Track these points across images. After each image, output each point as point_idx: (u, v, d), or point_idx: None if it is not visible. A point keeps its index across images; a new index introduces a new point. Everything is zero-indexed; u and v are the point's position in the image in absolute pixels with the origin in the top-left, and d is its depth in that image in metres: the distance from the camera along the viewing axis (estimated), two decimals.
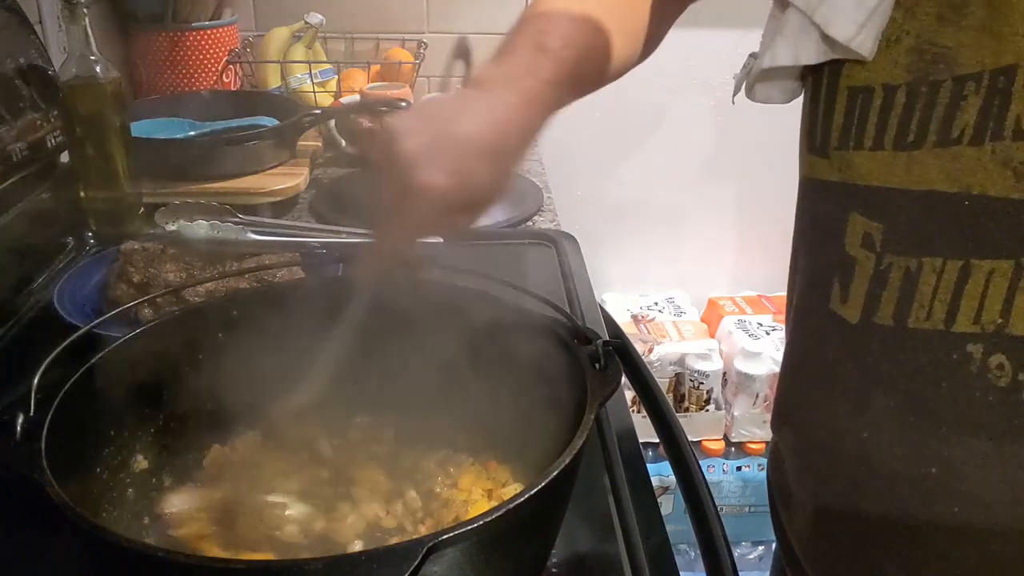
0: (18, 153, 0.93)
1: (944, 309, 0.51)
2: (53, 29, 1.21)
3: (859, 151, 0.52)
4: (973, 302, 0.50)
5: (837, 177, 0.54)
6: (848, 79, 0.52)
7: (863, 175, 0.53)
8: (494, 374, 0.61)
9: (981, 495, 0.53)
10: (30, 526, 0.61)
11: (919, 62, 0.49)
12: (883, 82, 0.50)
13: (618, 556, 0.62)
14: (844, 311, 0.56)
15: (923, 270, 0.51)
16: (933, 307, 0.51)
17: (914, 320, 0.52)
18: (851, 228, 0.54)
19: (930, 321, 0.51)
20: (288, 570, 0.41)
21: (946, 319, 0.51)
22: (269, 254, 0.91)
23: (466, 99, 0.54)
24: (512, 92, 0.53)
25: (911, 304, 0.52)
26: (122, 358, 0.58)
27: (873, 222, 0.53)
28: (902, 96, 0.50)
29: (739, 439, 1.93)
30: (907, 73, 0.49)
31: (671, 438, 0.82)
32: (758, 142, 1.87)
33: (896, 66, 0.50)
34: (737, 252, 2.11)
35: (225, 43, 1.52)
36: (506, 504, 0.43)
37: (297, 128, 1.27)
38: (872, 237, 0.53)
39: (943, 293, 0.50)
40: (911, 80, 0.49)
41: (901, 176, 0.51)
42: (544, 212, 1.25)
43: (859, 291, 0.54)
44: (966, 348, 0.51)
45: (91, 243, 1.10)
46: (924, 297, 0.51)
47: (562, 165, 1.85)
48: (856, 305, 0.55)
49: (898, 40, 0.49)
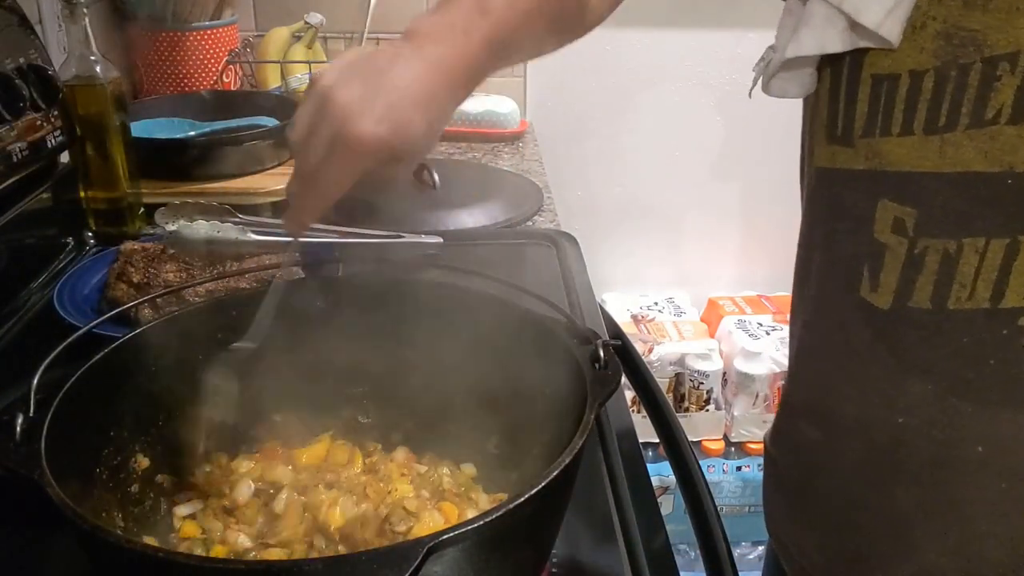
0: (18, 153, 0.93)
1: (989, 288, 0.51)
2: (53, 29, 1.21)
3: (886, 138, 0.53)
4: (1023, 277, 0.50)
5: (864, 165, 0.55)
6: (872, 67, 0.53)
7: (892, 161, 0.53)
8: (494, 374, 0.61)
9: None
10: (30, 526, 0.62)
11: (947, 47, 0.49)
12: (909, 68, 0.51)
13: (618, 556, 0.62)
14: (875, 298, 0.56)
15: (963, 251, 0.51)
16: (976, 286, 0.52)
17: (954, 301, 0.53)
18: (880, 215, 0.54)
19: (972, 300, 0.52)
20: (288, 570, 0.41)
21: (992, 297, 0.51)
22: (269, 254, 0.91)
23: (399, 52, 0.53)
24: (445, 47, 0.52)
25: (950, 286, 0.52)
26: (122, 358, 0.58)
27: (906, 207, 0.53)
28: (929, 81, 0.50)
29: (739, 439, 1.93)
30: (934, 58, 0.50)
31: (671, 438, 0.82)
32: (758, 142, 1.87)
33: (923, 52, 0.50)
34: (737, 252, 2.11)
35: (225, 43, 1.52)
36: (506, 504, 0.43)
37: None
38: (904, 222, 0.53)
39: (987, 272, 0.51)
40: (939, 65, 0.50)
41: (935, 160, 0.51)
42: (544, 212, 1.25)
43: (891, 277, 0.55)
44: (1018, 322, 0.51)
45: (91, 243, 1.10)
46: (966, 278, 0.52)
47: (562, 165, 1.85)
48: (888, 291, 0.55)
49: (923, 26, 0.50)
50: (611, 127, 1.97)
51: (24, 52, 0.98)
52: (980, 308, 0.52)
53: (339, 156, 0.50)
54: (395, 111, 0.50)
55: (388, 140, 0.49)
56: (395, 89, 0.50)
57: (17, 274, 0.98)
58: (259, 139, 1.22)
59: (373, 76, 0.50)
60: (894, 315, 0.55)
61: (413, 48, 0.52)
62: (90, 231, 1.10)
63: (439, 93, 0.52)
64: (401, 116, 0.50)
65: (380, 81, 0.50)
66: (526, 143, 1.63)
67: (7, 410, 0.49)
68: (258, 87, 1.54)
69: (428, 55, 0.52)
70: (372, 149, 0.50)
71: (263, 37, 1.55)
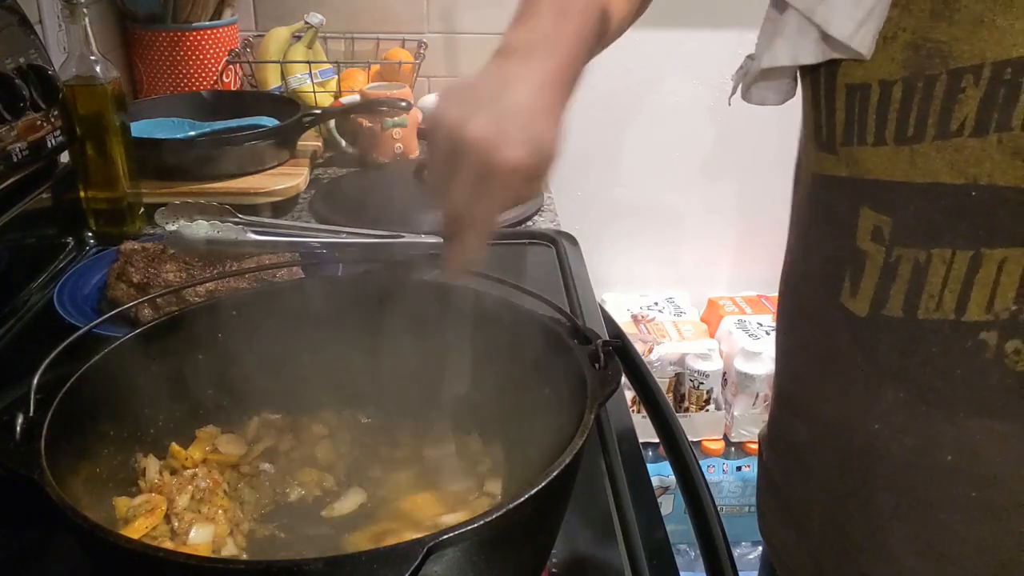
0: (18, 153, 0.93)
1: (955, 299, 0.52)
2: (53, 29, 1.21)
3: (863, 147, 0.53)
4: (985, 290, 0.50)
5: (846, 172, 0.55)
6: (845, 77, 0.53)
7: (869, 170, 0.53)
8: (494, 374, 0.61)
9: (1001, 476, 0.54)
10: (30, 526, 0.62)
11: (915, 57, 0.49)
12: (880, 78, 0.51)
13: (618, 556, 0.62)
14: (853, 305, 0.57)
15: (932, 261, 0.52)
16: (943, 297, 0.52)
17: (924, 311, 0.53)
18: (862, 222, 0.55)
19: (940, 311, 0.52)
20: (288, 570, 0.41)
21: (956, 309, 0.52)
22: (269, 254, 0.91)
23: (505, 74, 0.53)
24: (546, 59, 0.53)
25: (920, 295, 0.53)
26: (122, 358, 0.58)
27: (882, 215, 0.53)
28: (898, 92, 0.50)
29: (739, 439, 1.93)
30: (903, 68, 0.50)
31: (671, 438, 0.82)
32: (758, 142, 1.87)
33: (892, 62, 0.50)
34: (737, 252, 2.11)
35: (225, 43, 1.52)
36: (506, 504, 0.43)
37: (297, 128, 1.27)
38: (881, 230, 0.54)
39: (953, 283, 0.51)
40: (907, 75, 0.50)
41: (906, 169, 0.51)
42: (544, 212, 1.25)
43: (869, 284, 0.55)
44: (979, 336, 0.51)
45: (91, 243, 1.10)
46: (934, 288, 0.52)
47: (562, 165, 1.85)
48: (865, 298, 0.56)
49: (894, 37, 0.50)
50: (611, 127, 1.96)
51: (24, 52, 0.98)
52: (947, 319, 0.52)
53: (491, 189, 0.50)
54: (529, 131, 0.50)
55: (532, 160, 0.50)
56: (521, 111, 0.50)
57: (17, 274, 0.98)
58: (259, 139, 1.22)
59: (494, 104, 0.50)
60: (870, 322, 0.56)
61: (517, 65, 0.52)
62: (90, 231, 1.10)
63: (555, 103, 0.52)
64: (535, 135, 0.50)
65: (503, 107, 0.50)
66: None
67: (7, 410, 0.49)
68: (258, 87, 1.54)
69: (535, 70, 0.52)
70: (521, 174, 0.50)
71: (263, 37, 1.55)
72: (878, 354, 0.56)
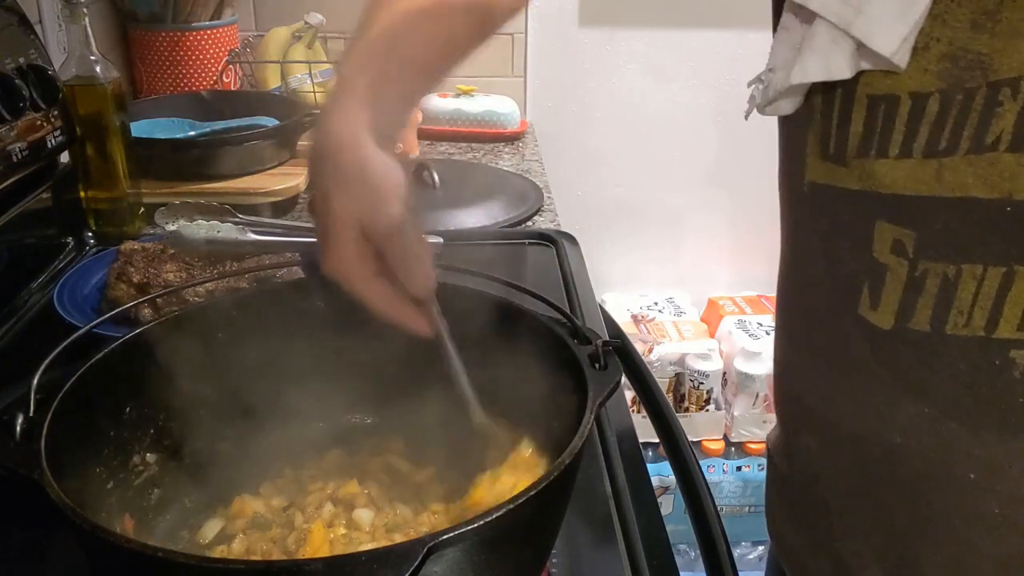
0: (18, 153, 0.93)
1: (985, 316, 0.50)
2: (53, 29, 1.21)
3: (882, 159, 0.52)
4: (1017, 308, 0.49)
5: (858, 185, 0.54)
6: (868, 87, 0.51)
7: (886, 183, 0.52)
8: (493, 374, 0.61)
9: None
10: (30, 526, 0.62)
11: (953, 69, 0.48)
12: (911, 90, 0.49)
13: (618, 556, 0.62)
14: (875, 317, 0.55)
15: (962, 276, 0.50)
16: (973, 314, 0.51)
17: (952, 327, 0.52)
18: (879, 235, 0.53)
19: (969, 328, 0.51)
20: (288, 570, 0.41)
21: (987, 326, 0.50)
22: (269, 254, 0.91)
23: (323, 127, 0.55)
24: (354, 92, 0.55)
25: (949, 311, 0.51)
26: (122, 358, 0.58)
27: (904, 229, 0.52)
28: (934, 104, 0.49)
29: (739, 439, 1.93)
30: (939, 80, 0.48)
31: (671, 438, 0.82)
32: (759, 142, 1.86)
33: (926, 74, 0.49)
34: (737, 252, 2.11)
35: (225, 43, 1.53)
36: (506, 504, 0.43)
37: (297, 128, 1.27)
38: (903, 244, 0.52)
39: (983, 300, 0.50)
40: (944, 87, 0.48)
41: (931, 184, 0.50)
42: (544, 212, 1.25)
43: (892, 298, 0.54)
44: (1008, 353, 0.50)
45: (91, 243, 1.10)
46: (963, 304, 0.51)
47: (562, 165, 1.85)
48: (889, 311, 0.54)
49: (926, 47, 0.48)
50: (611, 127, 1.97)
51: (24, 52, 0.98)
52: (975, 336, 0.51)
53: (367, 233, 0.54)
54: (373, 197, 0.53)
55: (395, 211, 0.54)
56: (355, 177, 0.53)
57: (17, 274, 0.98)
58: (259, 139, 1.22)
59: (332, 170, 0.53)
60: (894, 335, 0.54)
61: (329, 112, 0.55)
62: (90, 231, 1.10)
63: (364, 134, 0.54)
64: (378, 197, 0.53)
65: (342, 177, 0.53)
66: (526, 143, 1.63)
67: (7, 410, 0.49)
68: (258, 87, 1.54)
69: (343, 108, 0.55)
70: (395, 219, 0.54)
71: (263, 37, 1.55)
72: (899, 367, 0.55)
